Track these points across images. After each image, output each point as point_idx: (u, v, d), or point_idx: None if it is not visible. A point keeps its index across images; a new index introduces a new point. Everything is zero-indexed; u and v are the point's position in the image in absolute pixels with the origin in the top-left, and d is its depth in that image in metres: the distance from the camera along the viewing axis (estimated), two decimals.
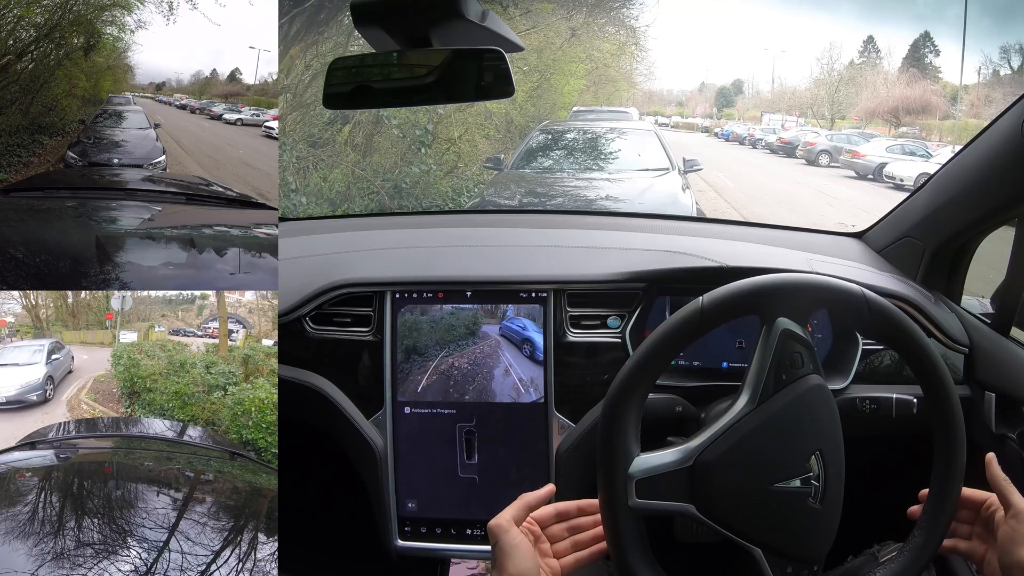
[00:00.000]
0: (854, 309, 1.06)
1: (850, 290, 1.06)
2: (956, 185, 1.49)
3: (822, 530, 1.04)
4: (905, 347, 1.07)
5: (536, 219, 2.26)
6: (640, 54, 11.68)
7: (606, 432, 1.04)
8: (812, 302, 1.07)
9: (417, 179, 7.31)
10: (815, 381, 1.04)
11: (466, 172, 7.89)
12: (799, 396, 1.03)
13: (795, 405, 1.03)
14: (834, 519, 1.05)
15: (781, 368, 1.03)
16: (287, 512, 1.34)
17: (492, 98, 1.12)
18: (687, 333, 1.05)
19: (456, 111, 7.61)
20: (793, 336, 1.04)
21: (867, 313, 1.06)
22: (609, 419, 1.04)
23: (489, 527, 1.05)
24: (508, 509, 1.07)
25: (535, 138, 8.16)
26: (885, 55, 18.07)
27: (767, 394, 1.02)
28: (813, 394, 1.04)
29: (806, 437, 1.03)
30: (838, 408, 1.08)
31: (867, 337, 1.47)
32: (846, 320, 1.22)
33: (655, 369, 1.05)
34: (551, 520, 1.11)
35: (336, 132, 7.19)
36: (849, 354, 1.48)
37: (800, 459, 1.02)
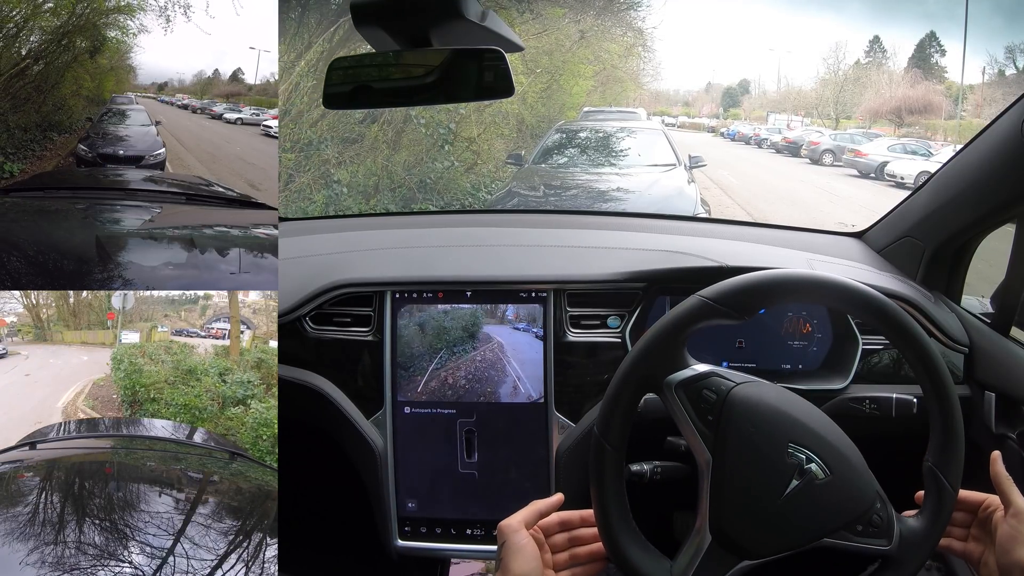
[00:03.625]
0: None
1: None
2: (956, 185, 1.49)
3: (853, 487, 1.03)
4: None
5: (536, 219, 2.26)
6: (647, 55, 11.81)
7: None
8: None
9: (440, 174, 7.85)
10: (735, 396, 1.03)
11: (483, 169, 8.37)
12: (735, 421, 1.01)
13: (740, 430, 1.01)
14: (857, 474, 1.03)
15: (701, 415, 1.03)
16: (287, 512, 1.34)
17: (492, 98, 1.12)
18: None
19: (475, 111, 8.03)
20: (680, 386, 1.04)
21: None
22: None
23: (499, 527, 1.06)
24: (519, 512, 1.08)
25: (551, 137, 8.69)
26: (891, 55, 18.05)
27: (717, 446, 1.01)
28: (740, 408, 1.02)
29: (770, 443, 1.01)
30: (838, 409, 1.08)
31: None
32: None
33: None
34: (555, 529, 1.12)
35: (366, 129, 7.69)
36: (849, 354, 1.47)
37: (783, 462, 1.01)
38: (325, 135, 7.46)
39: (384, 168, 7.65)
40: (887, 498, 1.05)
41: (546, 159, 8.39)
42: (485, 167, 8.42)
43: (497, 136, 8.64)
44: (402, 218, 2.71)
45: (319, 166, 7.42)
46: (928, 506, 1.05)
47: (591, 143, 8.64)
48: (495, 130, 8.56)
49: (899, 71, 17.49)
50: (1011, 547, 1.02)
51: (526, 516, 1.08)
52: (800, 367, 1.52)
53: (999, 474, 1.07)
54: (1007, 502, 1.05)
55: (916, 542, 1.03)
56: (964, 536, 1.12)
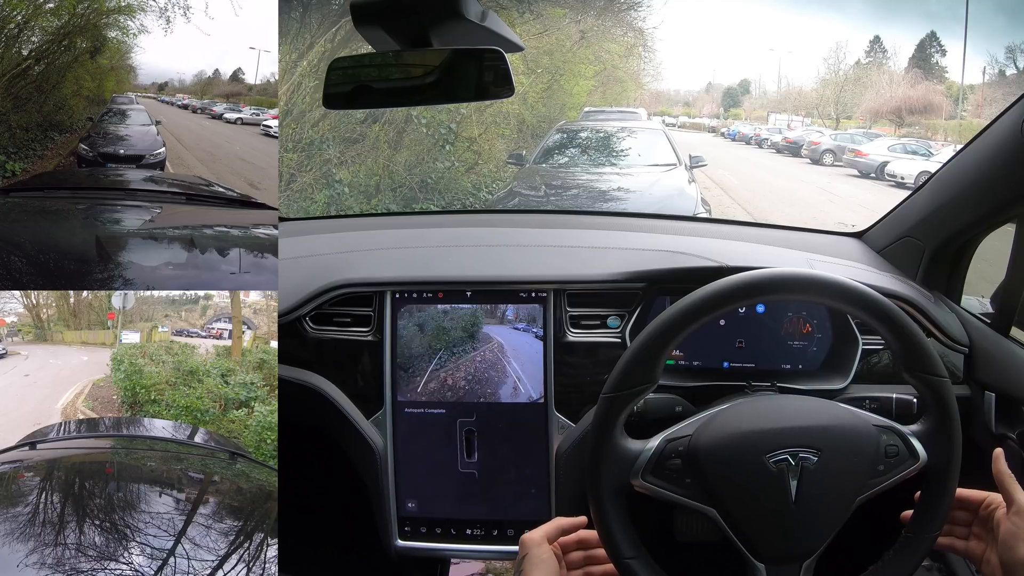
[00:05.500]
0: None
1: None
2: (956, 185, 1.49)
3: (850, 441, 1.06)
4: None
5: (536, 219, 2.25)
6: (647, 55, 11.88)
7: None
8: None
9: (442, 174, 7.94)
10: (696, 447, 1.06)
11: (484, 169, 8.43)
12: (709, 471, 1.05)
13: (719, 475, 1.05)
14: (846, 428, 1.06)
15: (679, 483, 1.07)
16: (288, 512, 1.34)
17: (491, 98, 1.12)
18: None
19: (476, 111, 8.09)
20: (645, 472, 1.07)
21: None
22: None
23: (522, 540, 1.08)
24: (542, 527, 1.10)
25: (552, 137, 8.75)
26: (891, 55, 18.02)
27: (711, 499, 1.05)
28: (706, 454, 1.06)
29: (750, 467, 1.04)
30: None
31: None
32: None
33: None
34: (572, 546, 1.14)
35: (368, 129, 7.74)
36: (849, 354, 1.47)
37: (771, 476, 1.03)
38: (327, 135, 7.51)
39: (385, 168, 7.71)
40: (890, 424, 1.08)
41: (547, 159, 8.45)
42: (486, 167, 8.47)
43: (498, 136, 8.69)
44: (403, 218, 2.71)
45: (321, 166, 7.47)
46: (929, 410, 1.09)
47: (592, 143, 8.70)
48: (496, 130, 8.61)
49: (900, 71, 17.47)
50: (1014, 544, 1.02)
51: (548, 531, 1.10)
52: (800, 367, 1.52)
53: (1001, 471, 1.07)
54: (1009, 500, 1.05)
55: (940, 442, 1.07)
56: (966, 535, 1.12)
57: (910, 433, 1.08)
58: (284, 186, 7.16)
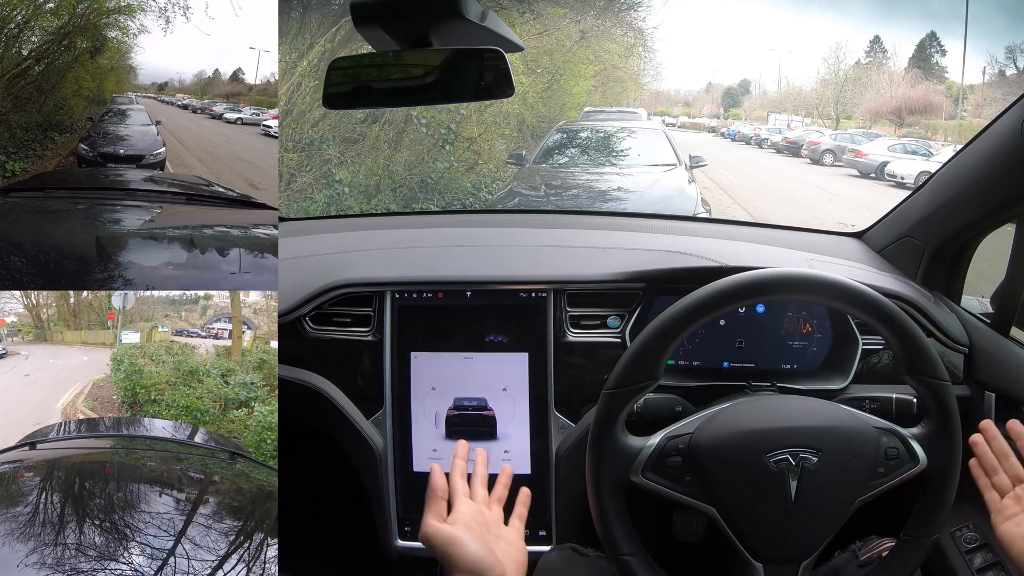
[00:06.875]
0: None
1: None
2: (956, 185, 1.49)
3: (850, 443, 1.06)
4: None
5: (536, 219, 2.25)
6: (647, 55, 11.88)
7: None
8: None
9: (441, 174, 7.95)
10: (697, 445, 1.08)
11: (484, 169, 8.44)
12: (710, 469, 1.06)
13: (719, 473, 1.06)
14: (846, 430, 1.07)
15: (679, 481, 1.08)
16: (288, 512, 1.34)
17: (491, 98, 1.12)
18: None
19: (476, 112, 8.09)
20: (646, 469, 1.09)
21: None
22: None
23: (423, 540, 0.99)
24: (424, 518, 1.00)
25: (552, 137, 8.77)
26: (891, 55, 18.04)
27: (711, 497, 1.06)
28: (707, 453, 1.07)
29: (750, 466, 1.05)
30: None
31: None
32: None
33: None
34: (446, 492, 1.04)
35: (368, 129, 7.76)
36: (849, 354, 1.47)
37: (771, 475, 1.04)
38: (327, 135, 7.53)
39: (385, 168, 7.72)
40: (890, 427, 1.08)
41: (547, 159, 8.46)
42: (486, 167, 8.48)
43: (498, 136, 8.70)
44: (403, 218, 2.71)
45: (321, 166, 7.48)
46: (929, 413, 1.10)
47: (592, 143, 8.71)
48: (496, 130, 8.62)
49: (899, 71, 17.48)
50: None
51: (432, 513, 1.00)
52: (800, 367, 1.52)
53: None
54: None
55: (941, 445, 1.07)
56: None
57: (910, 436, 1.08)
58: (284, 186, 7.15)
